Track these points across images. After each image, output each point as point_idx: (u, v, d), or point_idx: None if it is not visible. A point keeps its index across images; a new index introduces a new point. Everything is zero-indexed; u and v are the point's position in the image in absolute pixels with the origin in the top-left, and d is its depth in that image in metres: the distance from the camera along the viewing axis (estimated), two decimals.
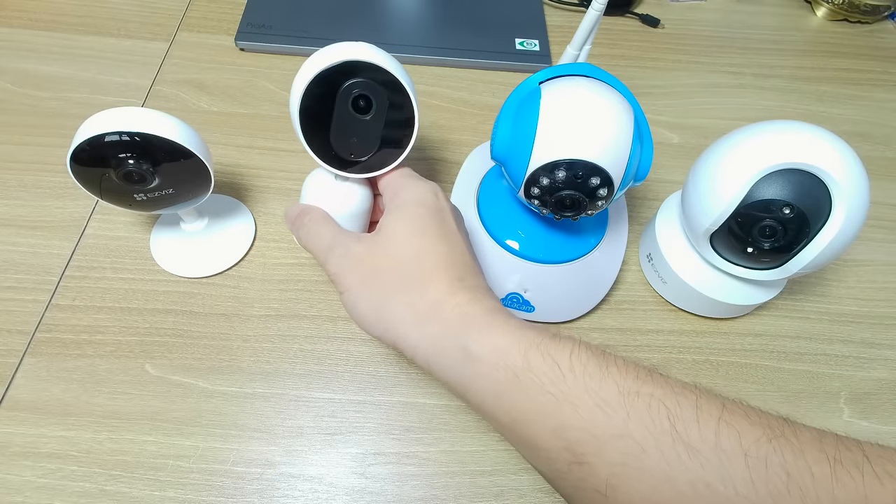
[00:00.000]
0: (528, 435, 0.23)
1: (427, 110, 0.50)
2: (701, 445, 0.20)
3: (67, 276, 0.38)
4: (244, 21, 0.53)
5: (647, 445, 0.20)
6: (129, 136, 0.30)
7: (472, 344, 0.24)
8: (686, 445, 0.20)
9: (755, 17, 0.63)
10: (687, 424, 0.20)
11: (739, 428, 0.20)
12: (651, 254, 0.41)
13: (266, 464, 0.33)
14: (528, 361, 0.23)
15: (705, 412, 0.21)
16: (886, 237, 0.46)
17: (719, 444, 0.19)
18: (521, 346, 0.23)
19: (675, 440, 0.20)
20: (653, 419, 0.20)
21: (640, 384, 0.22)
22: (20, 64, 0.48)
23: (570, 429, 0.22)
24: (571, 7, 0.60)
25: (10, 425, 0.33)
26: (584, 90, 0.29)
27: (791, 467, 0.19)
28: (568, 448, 0.21)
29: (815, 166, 0.30)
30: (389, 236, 0.28)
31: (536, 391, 0.22)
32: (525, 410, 0.23)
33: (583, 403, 0.21)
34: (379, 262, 0.27)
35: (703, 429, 0.20)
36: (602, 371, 0.22)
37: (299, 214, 0.31)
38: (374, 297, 0.26)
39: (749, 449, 0.19)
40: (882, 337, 0.41)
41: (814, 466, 0.19)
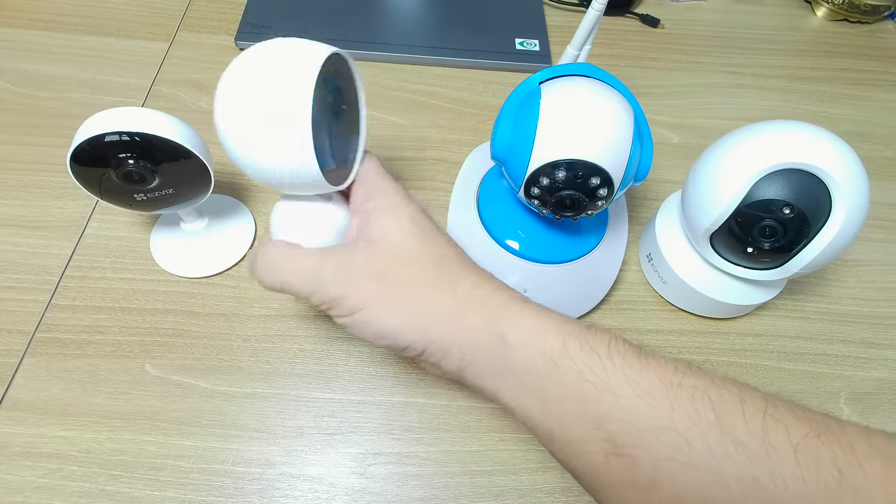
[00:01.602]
0: (564, 426, 0.22)
1: (427, 110, 0.50)
2: (748, 440, 0.19)
3: (67, 276, 0.38)
4: (244, 21, 0.53)
5: (692, 439, 0.20)
6: (129, 136, 0.30)
7: (508, 331, 0.23)
8: (733, 439, 0.19)
9: (755, 17, 0.63)
10: (733, 418, 0.20)
11: (786, 422, 0.20)
12: (651, 254, 0.41)
13: (266, 464, 0.33)
14: (567, 349, 0.22)
15: (750, 405, 0.20)
16: (886, 237, 0.46)
17: (767, 439, 0.19)
18: (558, 333, 0.23)
19: (722, 433, 0.19)
20: (697, 411, 0.20)
21: (682, 376, 0.21)
22: (20, 64, 0.48)
23: (610, 419, 0.21)
24: (571, 7, 0.60)
25: (10, 425, 0.33)
26: (584, 90, 0.29)
27: (842, 463, 0.18)
28: (608, 439, 0.21)
29: (815, 166, 0.30)
30: (392, 239, 0.25)
31: (575, 379, 0.22)
32: (562, 400, 0.22)
33: (624, 393, 0.21)
34: (395, 269, 0.25)
35: (749, 423, 0.20)
36: (642, 362, 0.22)
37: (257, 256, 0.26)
38: (399, 306, 0.24)
39: (798, 444, 0.19)
40: (882, 337, 0.41)
41: (865, 462, 0.18)
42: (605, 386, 0.21)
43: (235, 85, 0.24)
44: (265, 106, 0.23)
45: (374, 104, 0.50)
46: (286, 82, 0.23)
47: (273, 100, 0.23)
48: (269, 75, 0.24)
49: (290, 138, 0.23)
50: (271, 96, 0.23)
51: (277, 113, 0.23)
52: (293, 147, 0.24)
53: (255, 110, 0.23)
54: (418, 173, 0.46)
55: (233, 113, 0.24)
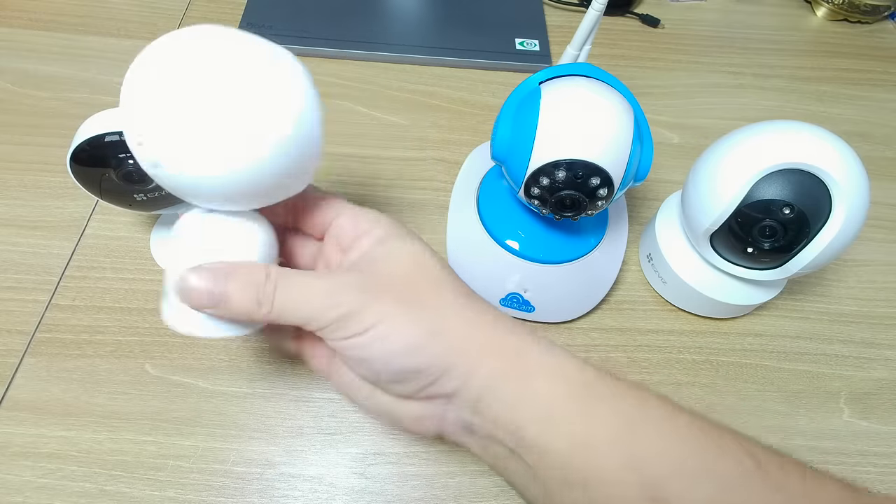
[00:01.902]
0: (592, 466, 0.20)
1: (427, 110, 0.50)
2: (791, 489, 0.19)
3: (67, 276, 0.38)
4: (244, 21, 0.53)
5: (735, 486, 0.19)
6: None
7: (539, 359, 0.22)
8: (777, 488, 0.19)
9: (755, 17, 0.63)
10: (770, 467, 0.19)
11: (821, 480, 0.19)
12: (651, 254, 0.41)
13: (266, 464, 0.33)
14: (600, 378, 0.21)
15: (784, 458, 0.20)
16: (886, 237, 0.46)
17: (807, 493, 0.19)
18: (586, 367, 0.22)
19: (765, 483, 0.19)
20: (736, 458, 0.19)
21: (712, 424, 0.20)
22: (20, 64, 0.48)
23: (646, 459, 0.19)
24: (571, 7, 0.60)
25: (10, 425, 0.33)
26: (584, 90, 0.29)
27: None
28: (644, 483, 0.19)
29: (815, 166, 0.30)
30: (409, 260, 0.23)
31: (608, 411, 0.20)
32: (594, 435, 0.20)
33: (659, 433, 0.20)
34: (411, 285, 0.23)
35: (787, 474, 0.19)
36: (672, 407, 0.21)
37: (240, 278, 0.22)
38: (421, 319, 0.22)
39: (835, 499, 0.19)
40: (882, 337, 0.41)
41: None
42: (641, 424, 0.20)
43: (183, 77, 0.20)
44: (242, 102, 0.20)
45: (374, 104, 0.50)
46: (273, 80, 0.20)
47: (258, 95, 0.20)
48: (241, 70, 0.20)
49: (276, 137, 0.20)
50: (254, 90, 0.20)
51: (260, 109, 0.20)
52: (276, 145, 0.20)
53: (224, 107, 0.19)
54: (418, 173, 0.46)
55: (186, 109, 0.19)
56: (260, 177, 0.21)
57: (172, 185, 0.21)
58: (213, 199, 0.22)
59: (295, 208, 0.26)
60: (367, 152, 0.46)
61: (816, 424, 0.37)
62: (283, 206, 0.25)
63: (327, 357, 0.26)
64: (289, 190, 0.23)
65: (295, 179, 0.23)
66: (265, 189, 0.22)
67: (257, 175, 0.21)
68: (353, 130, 0.47)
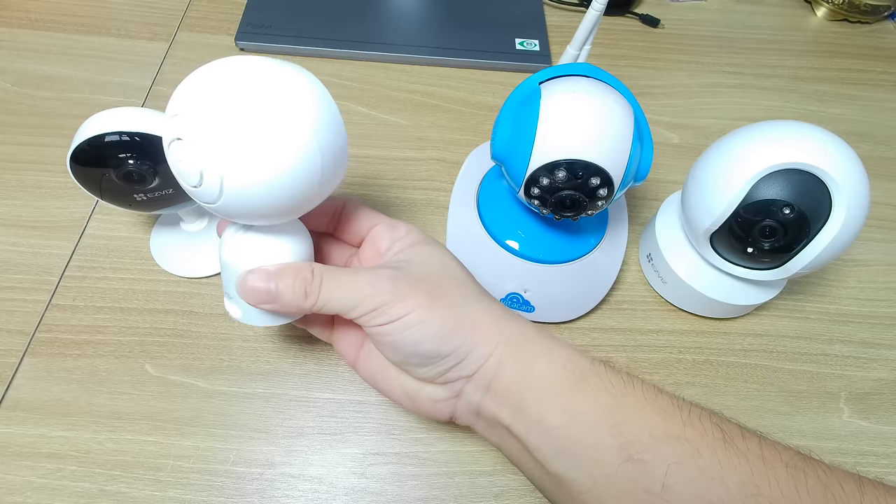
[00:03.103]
0: (582, 434, 0.23)
1: (427, 110, 0.50)
2: (748, 454, 0.22)
3: (67, 276, 0.38)
4: (244, 21, 0.53)
5: (701, 448, 0.22)
6: (129, 136, 0.30)
7: (543, 344, 0.25)
8: (737, 451, 0.22)
9: (755, 17, 0.63)
10: (734, 437, 0.22)
11: (777, 447, 0.22)
12: (651, 254, 0.41)
13: (266, 464, 0.33)
14: (594, 366, 0.25)
15: (748, 432, 0.23)
16: (886, 237, 0.46)
17: (763, 455, 0.22)
18: (585, 355, 0.25)
19: (727, 446, 0.22)
20: (705, 428, 0.22)
21: (691, 404, 0.24)
22: (20, 64, 0.48)
23: (628, 427, 0.23)
24: (571, 7, 0.60)
25: (10, 425, 0.33)
26: (583, 90, 0.29)
27: (825, 479, 0.21)
28: (624, 445, 0.22)
29: (815, 166, 0.30)
30: (438, 262, 0.27)
31: (600, 390, 0.24)
32: (585, 406, 0.23)
33: (642, 407, 0.23)
34: (440, 284, 0.26)
35: (748, 442, 0.22)
36: (656, 390, 0.24)
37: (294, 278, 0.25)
38: (449, 309, 0.25)
39: (788, 461, 0.22)
40: (882, 337, 0.41)
41: (843, 483, 0.21)
42: (626, 400, 0.23)
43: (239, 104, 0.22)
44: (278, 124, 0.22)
45: (374, 104, 0.50)
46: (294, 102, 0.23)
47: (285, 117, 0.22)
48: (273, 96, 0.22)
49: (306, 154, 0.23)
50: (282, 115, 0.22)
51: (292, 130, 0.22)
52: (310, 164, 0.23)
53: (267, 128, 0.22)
54: (418, 173, 0.46)
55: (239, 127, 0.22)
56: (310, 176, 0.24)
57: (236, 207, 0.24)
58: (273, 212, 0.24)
59: (337, 217, 0.30)
60: (367, 152, 0.46)
61: (816, 424, 0.37)
62: (328, 216, 0.30)
63: (356, 346, 0.29)
64: (329, 188, 0.26)
65: (334, 177, 0.25)
66: (315, 188, 0.24)
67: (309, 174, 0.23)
68: (353, 131, 0.47)
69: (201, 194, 0.23)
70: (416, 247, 0.28)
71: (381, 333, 0.25)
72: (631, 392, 0.24)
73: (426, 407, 0.27)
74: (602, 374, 0.24)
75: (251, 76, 0.22)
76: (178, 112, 0.22)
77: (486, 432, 0.27)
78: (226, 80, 0.22)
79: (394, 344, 0.25)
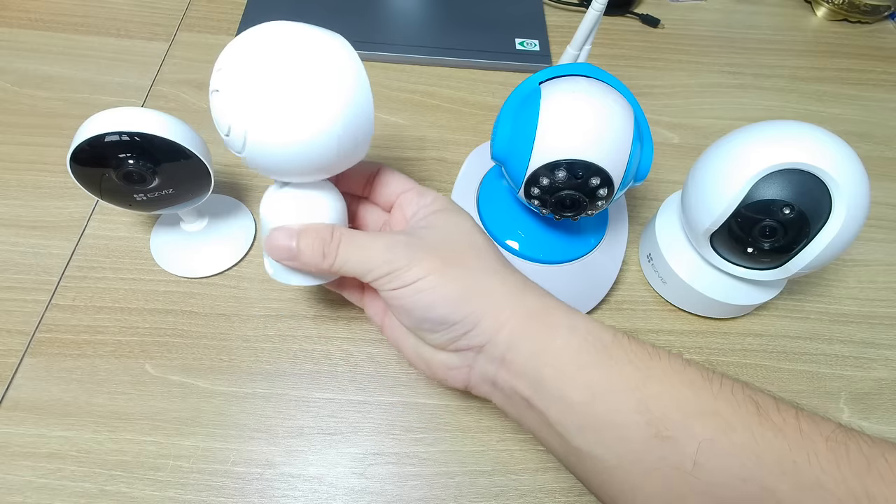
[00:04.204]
0: (607, 411, 0.22)
1: (427, 110, 0.50)
2: (785, 427, 0.21)
3: (67, 276, 0.38)
4: (244, 21, 0.53)
5: (735, 423, 0.21)
6: (129, 136, 0.30)
7: (563, 317, 0.25)
8: (771, 426, 0.21)
9: (755, 17, 0.63)
10: (769, 410, 0.21)
11: (815, 419, 0.21)
12: (651, 254, 0.41)
13: (266, 464, 0.33)
14: (618, 340, 0.24)
15: (783, 403, 0.22)
16: (886, 237, 0.46)
17: (801, 428, 0.20)
18: (608, 327, 0.24)
19: (762, 420, 0.21)
20: (738, 401, 0.21)
21: (721, 376, 0.23)
22: (20, 64, 0.48)
23: (656, 402, 0.21)
24: (571, 7, 0.60)
25: (10, 425, 0.33)
26: (583, 90, 0.29)
27: (868, 452, 0.20)
28: (651, 422, 0.21)
29: (815, 166, 0.30)
30: (460, 230, 0.27)
31: (624, 363, 0.23)
32: (609, 381, 0.22)
33: (669, 380, 0.22)
34: (457, 251, 0.26)
35: (784, 414, 0.21)
36: (683, 361, 0.23)
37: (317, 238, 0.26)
38: (462, 276, 0.25)
39: (829, 435, 0.20)
40: (882, 337, 0.41)
41: (888, 454, 0.20)
42: (652, 373, 0.22)
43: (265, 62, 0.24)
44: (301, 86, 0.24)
45: (375, 104, 0.49)
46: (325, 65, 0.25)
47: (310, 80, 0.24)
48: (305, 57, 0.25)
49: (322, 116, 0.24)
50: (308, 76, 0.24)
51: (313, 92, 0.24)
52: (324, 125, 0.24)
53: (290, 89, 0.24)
54: (418, 173, 0.46)
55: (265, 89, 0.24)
56: (328, 145, 0.25)
57: (259, 161, 0.25)
58: (293, 171, 0.26)
59: (371, 182, 0.31)
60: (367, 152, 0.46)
61: None
62: (363, 180, 0.31)
63: (383, 310, 0.30)
64: (351, 158, 0.27)
65: (355, 149, 0.27)
66: (333, 157, 0.26)
67: (327, 143, 0.25)
68: None
69: (229, 143, 0.25)
70: (439, 214, 0.28)
71: (394, 297, 0.25)
72: (657, 364, 0.23)
73: (441, 373, 0.27)
74: (626, 346, 0.23)
75: (290, 42, 0.25)
76: (221, 67, 0.24)
77: (505, 404, 0.26)
78: (266, 42, 0.24)
79: (405, 308, 0.25)
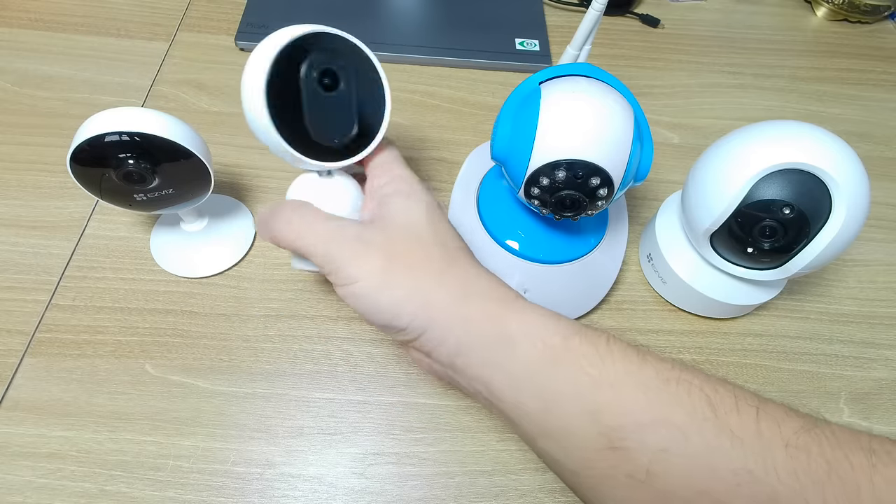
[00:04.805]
0: (560, 420, 0.22)
1: (427, 110, 0.50)
2: (743, 433, 0.20)
3: (67, 276, 0.38)
4: (244, 21, 0.53)
5: (689, 432, 0.20)
6: (129, 136, 0.30)
7: (511, 324, 0.23)
8: (729, 433, 0.20)
9: (755, 17, 0.63)
10: (727, 412, 0.20)
11: (778, 418, 0.20)
12: (651, 254, 0.41)
13: (266, 464, 0.33)
14: (567, 342, 0.23)
15: (743, 401, 0.21)
16: (886, 237, 0.46)
17: (760, 433, 0.20)
18: (560, 329, 0.23)
19: (718, 428, 0.20)
20: (694, 406, 0.20)
21: (679, 372, 0.22)
22: (20, 64, 0.48)
23: (608, 412, 0.21)
24: (571, 7, 0.60)
25: (10, 425, 0.33)
26: (583, 90, 0.29)
27: (830, 456, 0.19)
28: (604, 433, 0.21)
29: (815, 166, 0.30)
30: (406, 220, 0.26)
31: (575, 371, 0.22)
32: (560, 392, 0.22)
33: (623, 385, 0.21)
34: (403, 248, 0.25)
35: (743, 416, 0.20)
36: (640, 357, 0.22)
37: (278, 213, 0.27)
38: (402, 283, 0.24)
39: (790, 439, 0.19)
40: (882, 337, 0.41)
41: (851, 456, 0.19)
42: (605, 378, 0.22)
43: (244, 71, 0.26)
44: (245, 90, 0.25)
45: None
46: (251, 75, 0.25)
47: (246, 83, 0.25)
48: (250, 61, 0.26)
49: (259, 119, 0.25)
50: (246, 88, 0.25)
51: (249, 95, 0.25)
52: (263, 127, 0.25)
53: (243, 94, 0.26)
54: (418, 173, 0.45)
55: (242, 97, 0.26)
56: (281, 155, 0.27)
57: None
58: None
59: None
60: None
61: None
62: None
63: None
64: (322, 165, 0.28)
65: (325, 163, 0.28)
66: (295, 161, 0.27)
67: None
68: None
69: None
70: (393, 198, 0.27)
71: (340, 295, 0.25)
72: (610, 368, 0.22)
73: (415, 361, 0.27)
74: (577, 349, 0.22)
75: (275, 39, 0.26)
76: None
77: (471, 395, 0.26)
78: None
79: (353, 308, 0.25)
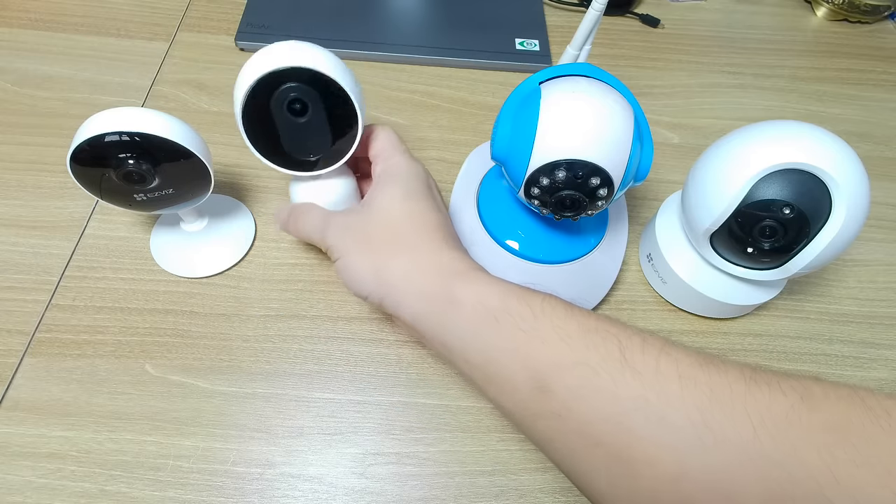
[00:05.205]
0: (499, 370, 0.26)
1: (427, 110, 0.50)
2: (644, 369, 0.23)
3: (67, 276, 0.38)
4: (244, 21, 0.53)
5: (599, 369, 0.24)
6: (129, 136, 0.30)
7: (457, 292, 0.27)
8: (632, 369, 0.23)
9: (755, 17, 0.63)
10: (633, 353, 0.24)
11: (677, 357, 0.24)
12: (651, 254, 0.41)
13: (266, 464, 0.33)
14: (506, 304, 0.26)
15: (649, 345, 0.24)
16: (886, 237, 0.46)
17: (658, 369, 0.23)
18: (499, 292, 0.27)
19: (623, 365, 0.24)
20: (607, 349, 0.24)
21: (598, 322, 0.25)
22: (20, 64, 0.48)
23: (536, 360, 0.25)
24: (571, 7, 0.60)
25: (10, 425, 0.33)
26: (583, 90, 0.29)
27: (714, 384, 0.22)
28: (533, 377, 0.25)
29: (815, 166, 0.30)
30: (382, 204, 0.31)
31: (511, 329, 0.26)
32: (499, 347, 0.26)
33: (549, 338, 0.25)
34: (373, 228, 0.30)
35: (646, 356, 0.24)
36: (567, 313, 0.26)
37: (289, 213, 0.34)
38: (369, 260, 0.29)
39: (683, 372, 0.23)
40: (882, 337, 0.41)
41: (733, 384, 0.22)
42: (536, 333, 0.25)
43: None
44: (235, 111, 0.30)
45: (375, 104, 0.50)
46: (235, 96, 0.30)
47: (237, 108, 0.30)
48: (235, 88, 0.30)
49: (244, 140, 0.31)
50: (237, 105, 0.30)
51: (236, 118, 0.30)
52: (248, 147, 0.31)
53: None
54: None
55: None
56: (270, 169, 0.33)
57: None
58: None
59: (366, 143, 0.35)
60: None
61: None
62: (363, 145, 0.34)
63: None
64: (303, 174, 0.34)
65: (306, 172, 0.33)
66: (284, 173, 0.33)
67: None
68: None
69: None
70: (379, 184, 0.32)
71: (334, 269, 0.31)
72: (541, 325, 0.25)
73: (397, 324, 0.33)
74: (514, 310, 0.26)
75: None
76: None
77: (438, 357, 0.31)
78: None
79: (341, 279, 0.31)
